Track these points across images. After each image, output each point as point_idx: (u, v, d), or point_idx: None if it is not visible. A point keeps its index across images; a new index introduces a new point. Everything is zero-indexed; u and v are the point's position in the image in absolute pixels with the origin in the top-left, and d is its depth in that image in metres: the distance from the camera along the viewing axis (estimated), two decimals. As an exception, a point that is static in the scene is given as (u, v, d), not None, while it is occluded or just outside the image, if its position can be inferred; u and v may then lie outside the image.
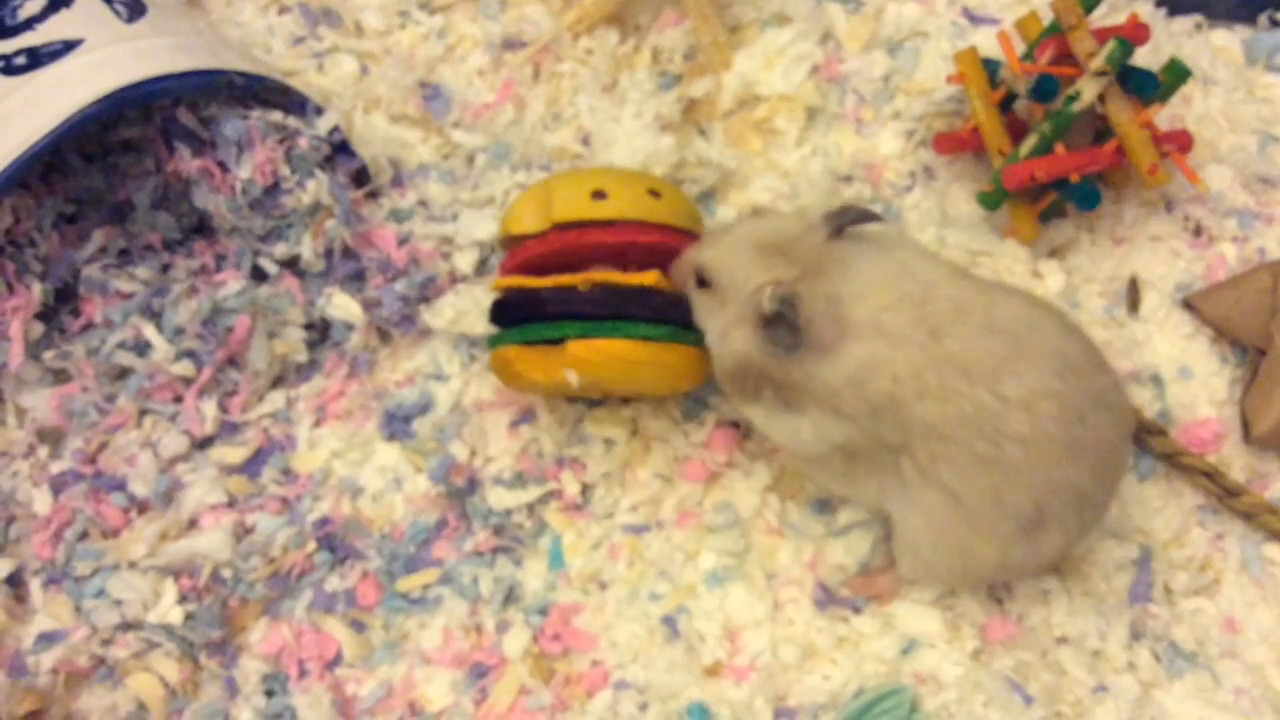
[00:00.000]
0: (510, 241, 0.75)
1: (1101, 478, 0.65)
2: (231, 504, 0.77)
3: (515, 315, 0.71)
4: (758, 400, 0.67)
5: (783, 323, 0.62)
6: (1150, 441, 0.77)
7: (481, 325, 0.75)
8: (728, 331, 0.66)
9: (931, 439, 0.62)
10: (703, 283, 0.67)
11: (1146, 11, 0.92)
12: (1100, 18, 0.87)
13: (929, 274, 0.64)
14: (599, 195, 0.70)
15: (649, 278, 0.69)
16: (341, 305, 0.80)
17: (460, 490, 0.76)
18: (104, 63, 0.73)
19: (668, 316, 0.69)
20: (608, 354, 0.68)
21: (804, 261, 0.63)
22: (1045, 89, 0.77)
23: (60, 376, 0.80)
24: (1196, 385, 0.80)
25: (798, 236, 0.65)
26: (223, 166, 0.79)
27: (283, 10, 0.94)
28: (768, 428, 0.68)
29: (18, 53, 0.74)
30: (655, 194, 0.71)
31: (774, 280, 0.62)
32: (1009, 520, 0.64)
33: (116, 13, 0.77)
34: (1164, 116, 0.85)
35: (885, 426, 0.63)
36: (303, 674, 0.73)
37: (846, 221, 0.65)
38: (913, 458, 0.64)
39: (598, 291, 0.69)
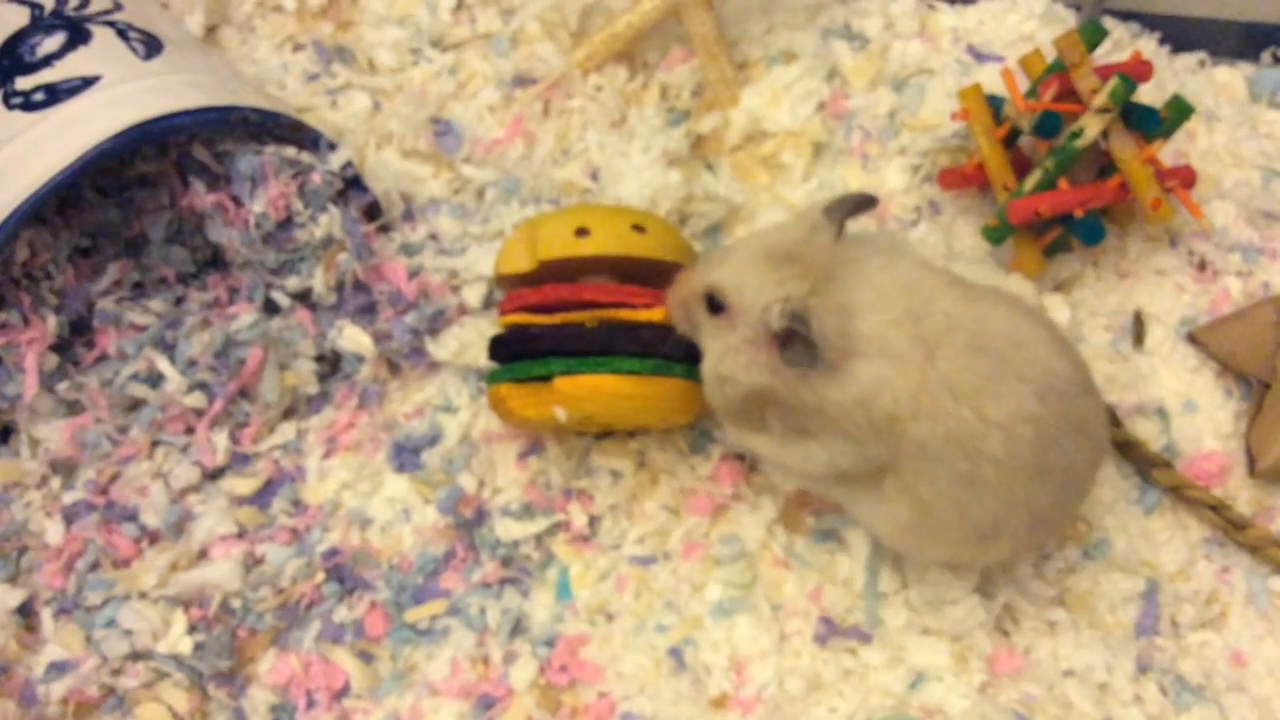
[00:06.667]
0: (503, 281, 0.76)
1: (1062, 500, 0.67)
2: (241, 535, 0.78)
3: (507, 352, 0.72)
4: (764, 430, 0.68)
5: (798, 339, 0.62)
6: (1156, 475, 0.77)
7: (485, 358, 0.76)
8: (734, 355, 0.65)
9: (919, 458, 0.63)
10: (715, 307, 0.66)
11: (1150, 49, 0.93)
12: (1104, 55, 0.87)
13: (929, 287, 0.64)
14: (582, 232, 0.71)
15: (657, 314, 0.70)
16: (352, 338, 0.81)
17: (468, 521, 0.77)
18: (121, 99, 0.74)
19: (655, 350, 0.70)
20: (594, 389, 0.69)
21: (815, 270, 0.64)
22: (1049, 125, 0.78)
23: (73, 408, 0.80)
24: (1202, 419, 0.80)
25: (806, 240, 0.66)
26: (236, 201, 0.80)
27: (297, 48, 0.95)
28: (778, 455, 0.69)
29: (36, 89, 0.75)
30: (639, 228, 0.72)
31: (785, 296, 0.62)
32: (967, 530, 0.65)
33: (133, 50, 0.78)
34: (1168, 152, 0.86)
35: (882, 446, 0.64)
36: (311, 704, 0.73)
37: (847, 211, 0.67)
38: (897, 475, 0.65)
39: (587, 328, 0.70)
